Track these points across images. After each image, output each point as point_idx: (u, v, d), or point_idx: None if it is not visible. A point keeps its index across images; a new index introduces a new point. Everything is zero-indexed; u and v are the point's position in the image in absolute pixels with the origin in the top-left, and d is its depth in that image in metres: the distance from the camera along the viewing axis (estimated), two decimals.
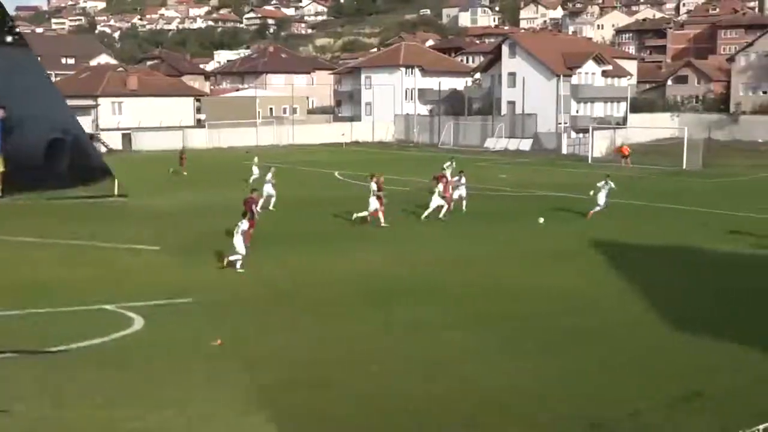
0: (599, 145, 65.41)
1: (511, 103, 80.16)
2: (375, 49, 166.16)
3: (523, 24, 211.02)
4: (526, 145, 74.09)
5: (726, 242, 27.68)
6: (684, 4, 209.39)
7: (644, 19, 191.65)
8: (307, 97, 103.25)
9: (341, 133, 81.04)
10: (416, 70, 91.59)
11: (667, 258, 25.61)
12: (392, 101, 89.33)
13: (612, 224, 31.45)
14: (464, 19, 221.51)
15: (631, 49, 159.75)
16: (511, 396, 13.67)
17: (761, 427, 7.79)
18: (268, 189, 35.52)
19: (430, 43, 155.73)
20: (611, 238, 28.38)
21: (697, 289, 21.37)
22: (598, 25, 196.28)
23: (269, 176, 36.28)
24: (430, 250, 26.44)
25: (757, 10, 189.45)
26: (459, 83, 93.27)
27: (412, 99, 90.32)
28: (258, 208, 27.61)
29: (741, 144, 72.38)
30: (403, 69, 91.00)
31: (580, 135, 70.22)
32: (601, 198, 32.60)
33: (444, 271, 23.31)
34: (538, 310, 19.11)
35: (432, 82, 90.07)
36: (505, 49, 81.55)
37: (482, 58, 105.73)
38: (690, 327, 17.60)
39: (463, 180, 34.02)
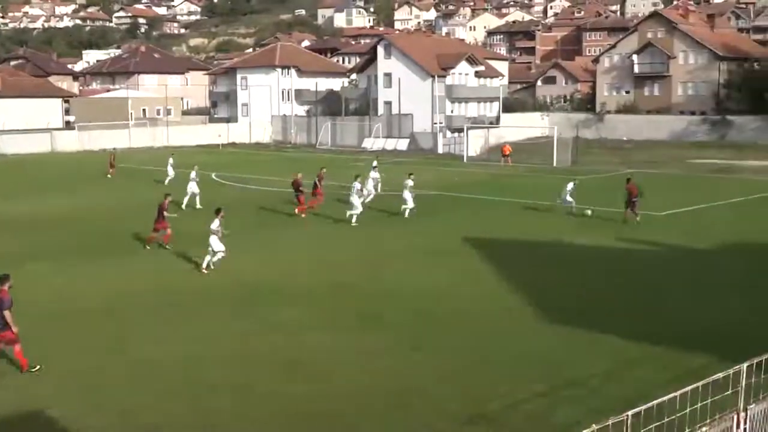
0: (474, 144, 66.89)
1: (388, 104, 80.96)
2: (250, 50, 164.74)
3: (397, 25, 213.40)
4: (403, 144, 74.97)
5: (594, 236, 28.81)
6: (551, 7, 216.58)
7: (514, 21, 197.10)
8: (182, 98, 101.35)
9: (217, 134, 79.92)
10: (292, 71, 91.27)
11: (540, 253, 26.46)
12: (269, 102, 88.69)
13: (486, 221, 32.26)
14: (339, 20, 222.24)
15: (503, 51, 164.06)
16: (387, 395, 13.82)
17: (630, 412, 8.16)
18: (192, 187, 35.90)
19: (306, 43, 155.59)
20: (485, 236, 29.08)
21: (567, 282, 22.17)
22: (471, 27, 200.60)
23: (193, 174, 36.56)
24: (305, 252, 26.45)
25: (619, 13, 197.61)
26: (336, 84, 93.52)
27: (289, 99, 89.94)
28: (167, 212, 26.83)
29: (607, 142, 75.39)
30: (280, 69, 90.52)
31: (456, 134, 71.59)
32: (568, 196, 33.37)
33: (316, 272, 23.31)
34: (411, 308, 19.35)
35: (309, 83, 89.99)
36: (380, 50, 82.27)
37: (358, 59, 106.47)
38: (562, 318, 18.26)
39: (410, 183, 33.88)
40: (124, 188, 44.26)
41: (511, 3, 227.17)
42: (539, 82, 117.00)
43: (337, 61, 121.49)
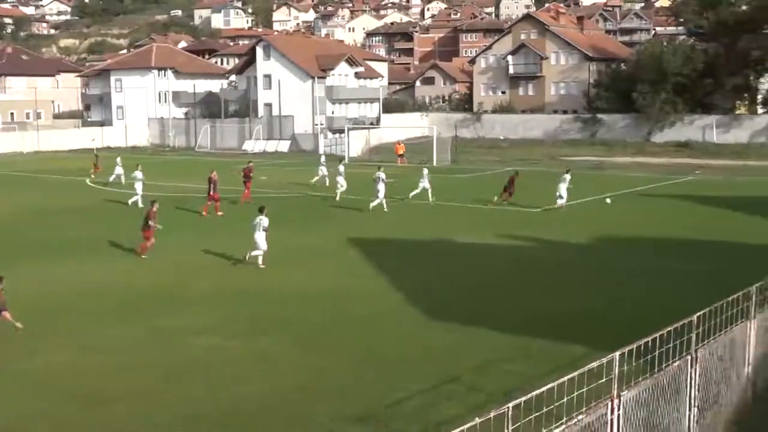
0: (355, 144, 67.18)
1: (268, 105, 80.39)
2: (124, 51, 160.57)
3: (276, 26, 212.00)
4: (284, 146, 74.60)
5: (475, 233, 29.39)
6: (428, 9, 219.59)
7: (392, 23, 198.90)
8: (53, 101, 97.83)
9: (91, 138, 77.42)
10: (169, 72, 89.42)
11: (424, 251, 26.78)
12: (145, 104, 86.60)
13: (372, 221, 32.43)
14: (217, 21, 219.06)
15: (382, 52, 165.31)
16: (277, 396, 13.73)
17: (510, 405, 8.34)
18: (138, 187, 36.00)
19: (182, 44, 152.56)
20: (370, 235, 29.24)
21: (450, 279, 22.54)
22: (350, 28, 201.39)
23: (137, 173, 36.47)
24: (192, 256, 25.95)
25: (494, 15, 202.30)
26: (214, 85, 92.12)
27: (166, 102, 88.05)
28: (153, 221, 25.67)
29: (485, 141, 77.03)
30: (156, 71, 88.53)
31: (337, 135, 71.72)
32: (563, 190, 35.17)
33: (205, 277, 22.98)
34: (300, 310, 19.32)
35: (186, 85, 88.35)
36: (259, 51, 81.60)
37: (237, 60, 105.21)
38: (444, 315, 18.55)
39: (382, 175, 35.52)
40: None
41: (389, 5, 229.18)
42: (418, 83, 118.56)
43: (216, 62, 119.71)
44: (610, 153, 65.25)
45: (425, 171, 38.40)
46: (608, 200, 36.50)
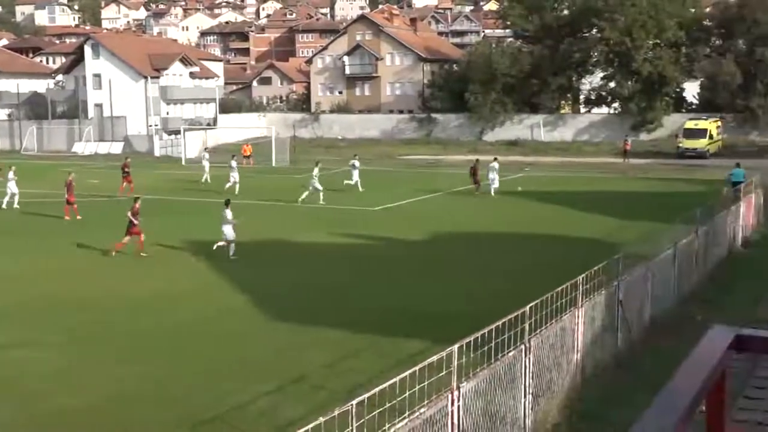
0: (192, 146, 65.88)
1: (99, 106, 77.44)
2: None
3: (105, 24, 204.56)
4: (117, 148, 72.18)
5: (315, 233, 29.45)
6: (263, 9, 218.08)
7: (227, 22, 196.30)
8: None
9: None
10: None
11: (263, 252, 26.59)
12: None
13: (210, 223, 31.85)
14: (41, 18, 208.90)
15: (217, 51, 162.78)
16: (110, 407, 13.30)
17: (354, 402, 8.43)
18: (11, 187, 35.52)
19: (3, 42, 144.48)
20: (206, 237, 28.73)
21: (290, 280, 22.48)
22: (183, 27, 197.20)
23: (10, 174, 35.83)
24: (12, 264, 24.69)
25: (329, 16, 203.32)
26: (40, 85, 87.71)
27: None
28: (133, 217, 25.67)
29: (323, 141, 77.32)
30: None
31: (172, 137, 70.13)
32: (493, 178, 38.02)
33: (29, 285, 21.90)
34: (124, 318, 18.64)
35: (9, 84, 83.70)
36: (88, 50, 78.49)
37: (64, 59, 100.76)
38: (285, 316, 18.52)
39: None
40: None
41: (224, 3, 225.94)
42: (255, 83, 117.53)
43: (41, 61, 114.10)
44: (446, 152, 67.01)
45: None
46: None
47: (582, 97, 78.55)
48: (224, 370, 15.05)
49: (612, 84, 72.35)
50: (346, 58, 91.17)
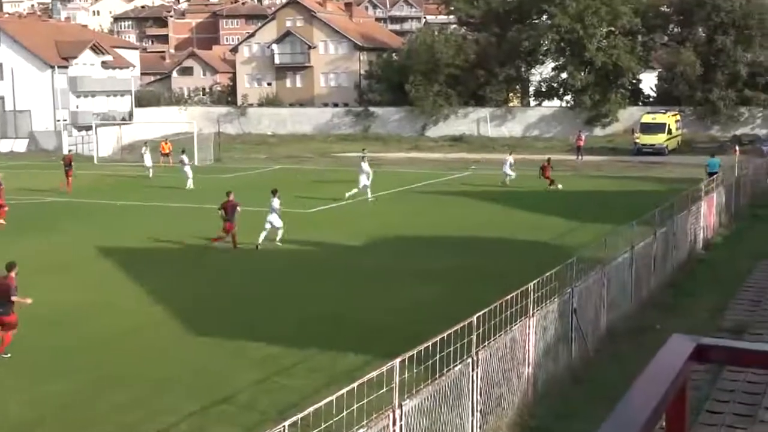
0: (105, 143, 64.87)
1: (0, 99, 75.80)
2: None
3: (6, 8, 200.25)
4: (21, 146, 70.86)
5: (244, 236, 29.20)
6: None
7: (143, 7, 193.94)
8: None
9: None
10: None
11: (181, 260, 26.31)
12: None
13: (124, 228, 31.43)
14: None
15: (132, 38, 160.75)
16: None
17: (287, 423, 8.38)
18: None
19: None
20: (122, 244, 28.36)
21: (212, 289, 22.29)
22: (94, 12, 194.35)
23: None
24: None
25: (256, 0, 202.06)
26: None
27: None
28: None
29: (251, 137, 76.90)
30: None
31: (83, 133, 68.99)
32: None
33: None
34: (27, 333, 18.05)
35: None
36: None
37: None
38: (208, 329, 18.33)
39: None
40: None
41: None
42: (175, 73, 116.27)
43: None
44: (385, 148, 67.09)
45: (365, 165, 39.12)
46: (370, 199, 37.81)
47: (532, 89, 79.38)
48: (142, 390, 14.81)
49: (564, 75, 73.23)
50: (275, 47, 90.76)
